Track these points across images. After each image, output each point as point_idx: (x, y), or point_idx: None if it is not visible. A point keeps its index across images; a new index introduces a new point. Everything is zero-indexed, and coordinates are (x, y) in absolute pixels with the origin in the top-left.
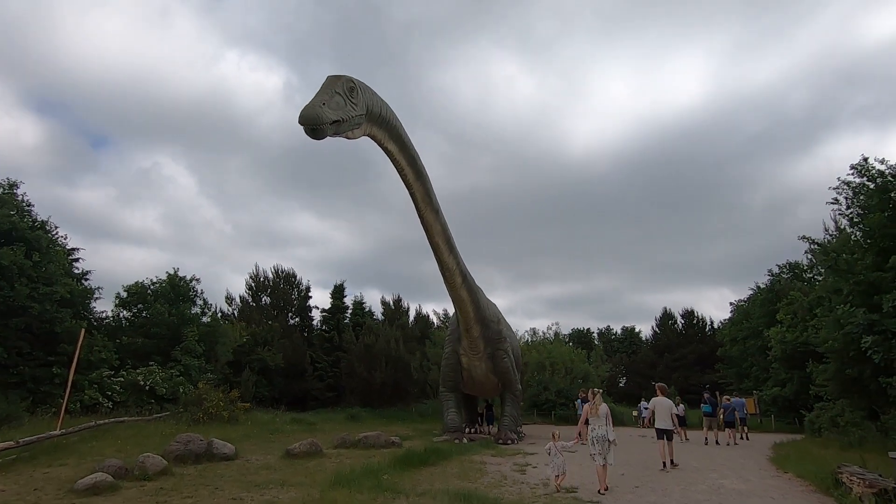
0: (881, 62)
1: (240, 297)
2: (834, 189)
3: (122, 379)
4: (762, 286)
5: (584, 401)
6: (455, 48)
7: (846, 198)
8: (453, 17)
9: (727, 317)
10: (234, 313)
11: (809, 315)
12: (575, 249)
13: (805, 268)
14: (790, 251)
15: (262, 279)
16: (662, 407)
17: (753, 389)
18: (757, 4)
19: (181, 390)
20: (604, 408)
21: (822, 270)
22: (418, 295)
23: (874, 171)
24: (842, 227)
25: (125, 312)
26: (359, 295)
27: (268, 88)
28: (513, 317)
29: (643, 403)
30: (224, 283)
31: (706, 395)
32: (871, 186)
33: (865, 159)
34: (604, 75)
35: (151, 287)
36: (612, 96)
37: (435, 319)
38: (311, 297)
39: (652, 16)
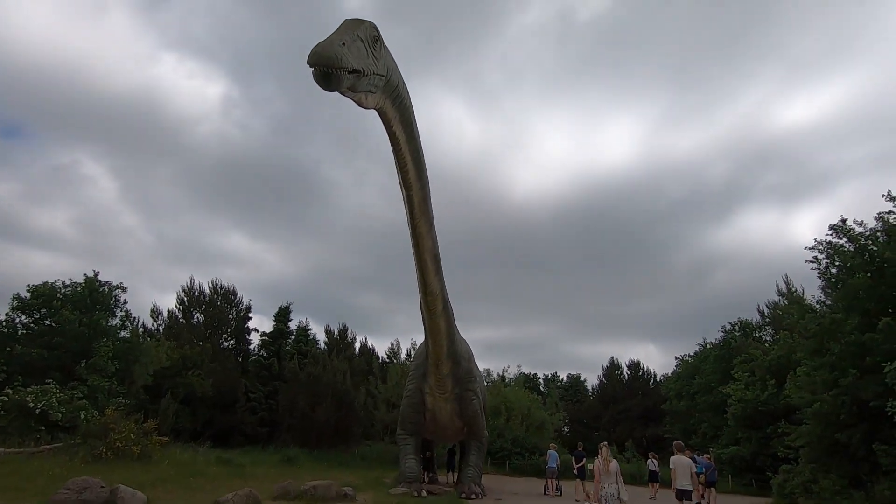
0: (789, 147)
1: (168, 311)
2: (810, 249)
3: (6, 399)
4: (714, 342)
5: (581, 457)
6: (407, 83)
7: (822, 258)
8: (406, 54)
9: (664, 371)
10: (159, 330)
11: (769, 374)
12: (510, 295)
13: (755, 326)
14: (711, 311)
15: (196, 294)
16: (682, 466)
17: (709, 447)
18: (684, 83)
19: (82, 417)
20: (614, 464)
21: (774, 329)
22: (355, 328)
23: (853, 233)
24: (793, 289)
25: (23, 317)
26: (304, 320)
27: (206, 98)
28: None
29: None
30: (140, 297)
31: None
32: (849, 248)
33: (844, 221)
34: (545, 129)
35: (63, 290)
36: (552, 150)
37: (381, 353)
38: (251, 317)
39: (592, 80)
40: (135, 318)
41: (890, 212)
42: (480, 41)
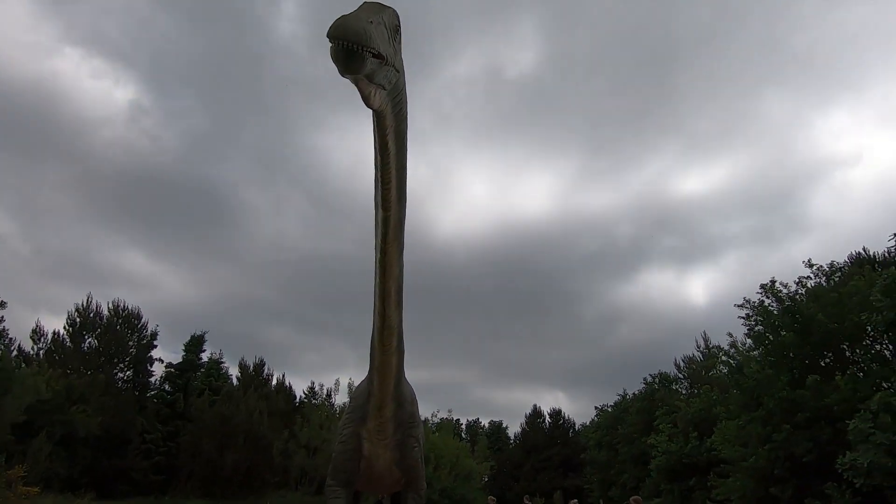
0: (684, 214)
1: (54, 334)
2: (739, 306)
3: None
4: (635, 392)
5: None
6: (335, 114)
7: (752, 315)
8: (336, 84)
9: (576, 419)
10: (39, 355)
11: (692, 427)
12: (427, 336)
13: (672, 379)
14: (615, 363)
15: (91, 314)
16: None
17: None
18: (597, 146)
19: None
20: None
21: (690, 382)
22: (271, 364)
23: (782, 293)
24: (710, 345)
25: None
26: (217, 353)
27: (112, 101)
28: None
29: None
30: (12, 315)
31: None
32: (774, 309)
33: (773, 282)
34: (469, 175)
35: None
36: (475, 196)
37: (299, 392)
38: (155, 345)
39: (515, 134)
40: (10, 339)
41: (808, 277)
42: (413, 82)
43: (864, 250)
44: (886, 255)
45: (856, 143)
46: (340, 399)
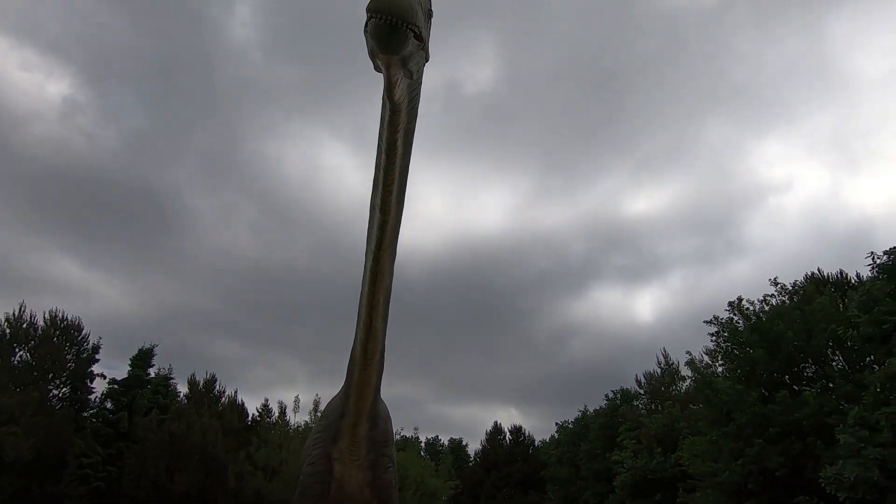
0: (633, 234)
1: None
2: (708, 323)
3: None
4: (596, 409)
5: None
6: (290, 121)
7: (721, 331)
8: (292, 91)
9: (539, 437)
10: None
11: (656, 442)
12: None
13: (633, 395)
14: (565, 380)
15: (23, 325)
16: None
17: None
18: (552, 164)
19: None
20: None
21: (650, 398)
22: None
23: (748, 311)
24: (671, 362)
25: None
26: (166, 368)
27: (45, 96)
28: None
29: None
30: None
31: None
32: (740, 325)
33: (740, 299)
34: (425, 189)
35: None
36: (431, 210)
37: (252, 410)
38: (97, 359)
39: (472, 149)
40: None
41: (773, 295)
42: (372, 92)
43: (819, 271)
44: (839, 275)
45: (787, 171)
46: (301, 418)
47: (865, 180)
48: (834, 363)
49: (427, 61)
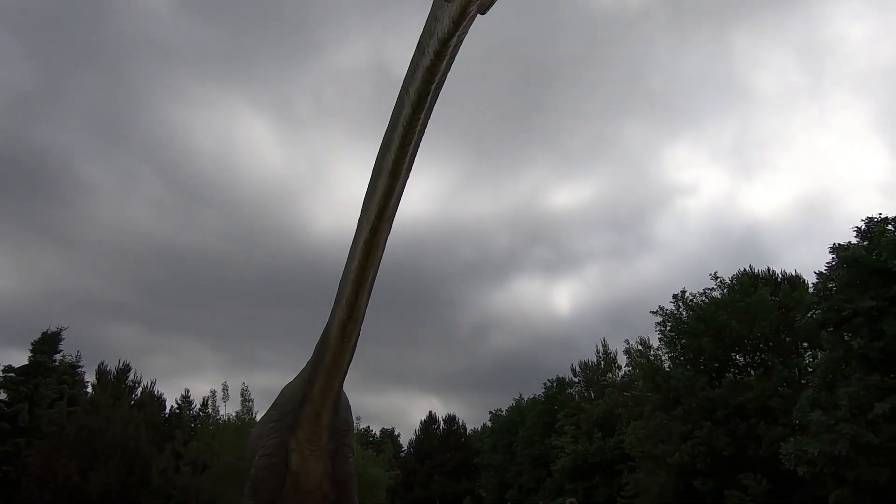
0: (553, 227)
1: None
2: (653, 313)
3: None
4: (534, 396)
5: None
6: (201, 87)
7: (666, 321)
8: (205, 55)
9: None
10: None
11: (596, 427)
12: (301, 338)
13: (568, 383)
14: (485, 370)
15: None
16: None
17: (533, 500)
18: (480, 153)
19: None
20: None
21: (585, 385)
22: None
23: (692, 303)
24: (610, 351)
25: None
26: (74, 355)
27: None
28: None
29: None
30: None
31: None
32: (686, 316)
33: (683, 291)
34: (350, 171)
35: None
36: (355, 194)
37: (171, 402)
38: None
39: None
40: None
41: (713, 288)
42: (294, 66)
43: (751, 267)
44: (767, 272)
45: (693, 175)
46: (231, 408)
47: (758, 187)
48: (773, 350)
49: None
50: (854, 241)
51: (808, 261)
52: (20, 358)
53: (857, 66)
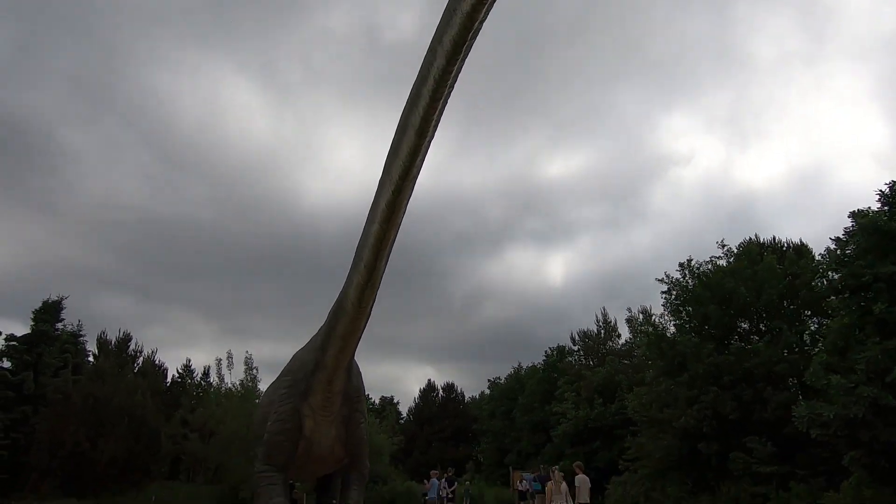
0: (547, 197)
1: None
2: (659, 281)
3: None
4: (533, 364)
5: (451, 481)
6: (184, 50)
7: (673, 288)
8: (189, 15)
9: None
10: None
11: (597, 394)
12: (294, 309)
13: (568, 352)
14: (479, 339)
15: None
16: (585, 483)
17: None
18: (473, 121)
19: None
20: (564, 486)
21: (584, 353)
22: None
23: (699, 271)
24: (609, 320)
25: None
26: (75, 324)
27: None
28: None
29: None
30: None
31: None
32: (692, 284)
33: (689, 261)
34: (340, 138)
35: None
36: (345, 162)
37: (172, 371)
38: None
39: (390, 99)
40: None
41: (720, 256)
42: (280, 28)
43: (756, 236)
44: (773, 241)
45: (688, 144)
46: (236, 376)
47: (753, 157)
48: (780, 317)
49: None
50: (876, 205)
51: (804, 231)
52: (10, 328)
53: (856, 32)
